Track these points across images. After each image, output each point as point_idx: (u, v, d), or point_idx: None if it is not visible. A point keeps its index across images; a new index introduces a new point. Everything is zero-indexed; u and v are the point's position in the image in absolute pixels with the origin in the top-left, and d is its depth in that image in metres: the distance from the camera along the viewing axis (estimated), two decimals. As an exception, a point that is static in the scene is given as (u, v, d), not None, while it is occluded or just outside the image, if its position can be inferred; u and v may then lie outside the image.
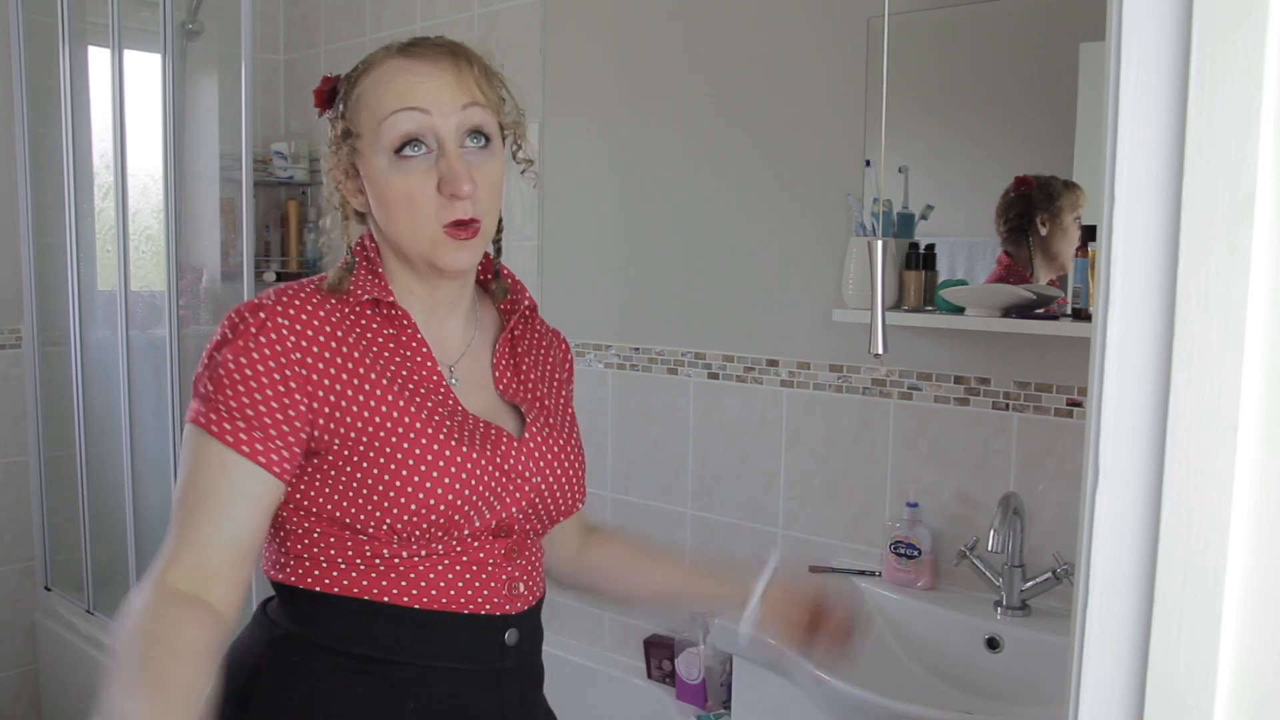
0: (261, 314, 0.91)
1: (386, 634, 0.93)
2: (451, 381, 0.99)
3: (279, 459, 0.89)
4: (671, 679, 2.08)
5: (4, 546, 2.73)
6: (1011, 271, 1.67)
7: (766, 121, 1.96)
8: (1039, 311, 1.60)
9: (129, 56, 2.38)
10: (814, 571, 1.87)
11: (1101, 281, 0.49)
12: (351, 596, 0.92)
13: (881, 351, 1.13)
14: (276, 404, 0.89)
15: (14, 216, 2.69)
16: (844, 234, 1.83)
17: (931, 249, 1.73)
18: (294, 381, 0.89)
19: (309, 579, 0.94)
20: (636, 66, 2.16)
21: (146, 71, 2.40)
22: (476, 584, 0.95)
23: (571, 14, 2.26)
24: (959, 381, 1.75)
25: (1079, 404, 1.62)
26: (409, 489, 0.89)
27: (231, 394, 0.88)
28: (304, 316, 0.92)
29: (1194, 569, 0.45)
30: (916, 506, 1.76)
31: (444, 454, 0.91)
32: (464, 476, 0.91)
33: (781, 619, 1.10)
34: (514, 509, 0.96)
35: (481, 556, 0.95)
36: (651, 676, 2.15)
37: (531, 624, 1.01)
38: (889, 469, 1.84)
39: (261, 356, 0.89)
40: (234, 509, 0.88)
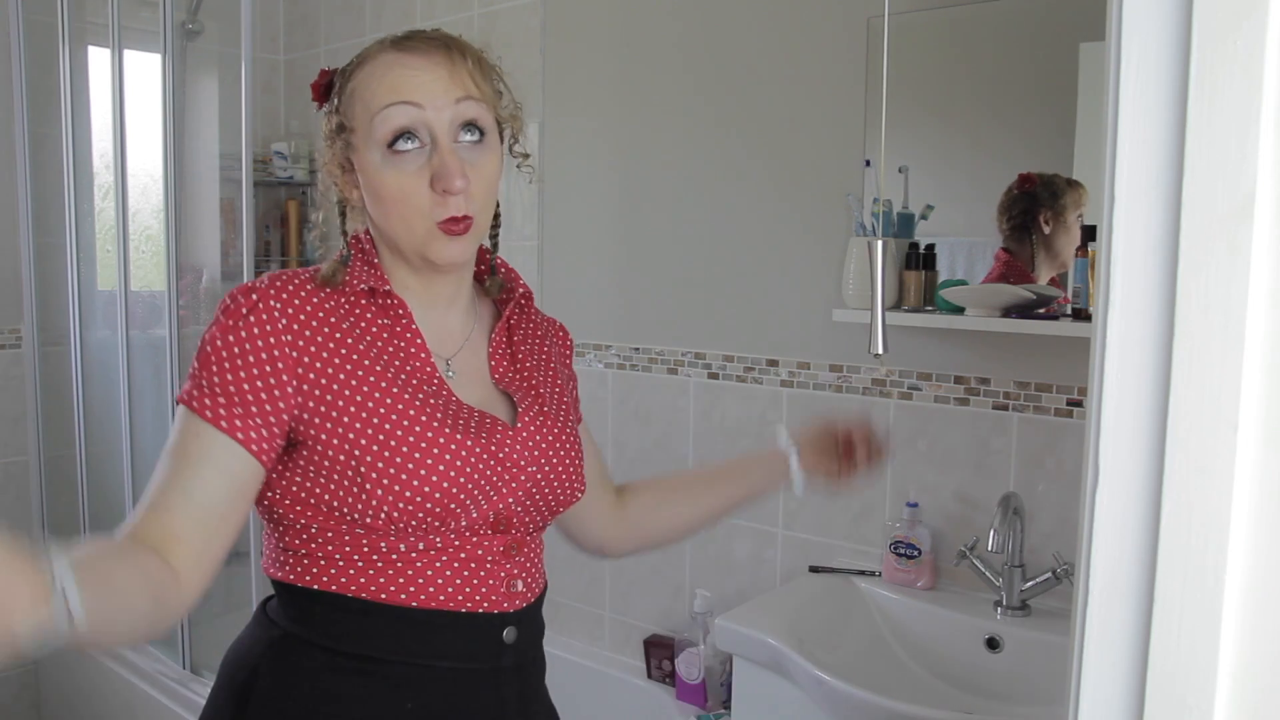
0: (254, 296, 0.91)
1: (385, 633, 0.92)
2: (449, 375, 0.98)
3: (257, 437, 0.88)
4: (671, 679, 2.08)
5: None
6: (1011, 268, 1.67)
7: (766, 121, 1.96)
8: (1039, 311, 1.60)
9: (129, 56, 2.38)
10: (814, 572, 1.87)
11: (1101, 281, 0.49)
12: (349, 595, 0.92)
13: (881, 351, 1.13)
14: (261, 383, 0.88)
15: (14, 216, 2.69)
16: (844, 234, 1.83)
17: (931, 249, 1.73)
18: (282, 363, 0.89)
19: (307, 576, 0.93)
20: (636, 66, 2.16)
21: (146, 71, 2.40)
22: (475, 581, 0.95)
23: (571, 14, 2.26)
24: (959, 381, 1.75)
25: (1079, 404, 1.62)
26: (403, 476, 0.89)
27: (216, 370, 0.89)
28: (297, 301, 0.92)
29: (1194, 569, 0.45)
30: (916, 506, 1.76)
31: (438, 441, 0.91)
32: (458, 464, 0.91)
33: (820, 463, 1.22)
34: (510, 499, 0.95)
35: (480, 554, 0.95)
36: (651, 676, 2.15)
37: (530, 621, 1.00)
38: (889, 469, 1.84)
39: (250, 336, 0.89)
40: (205, 476, 0.87)
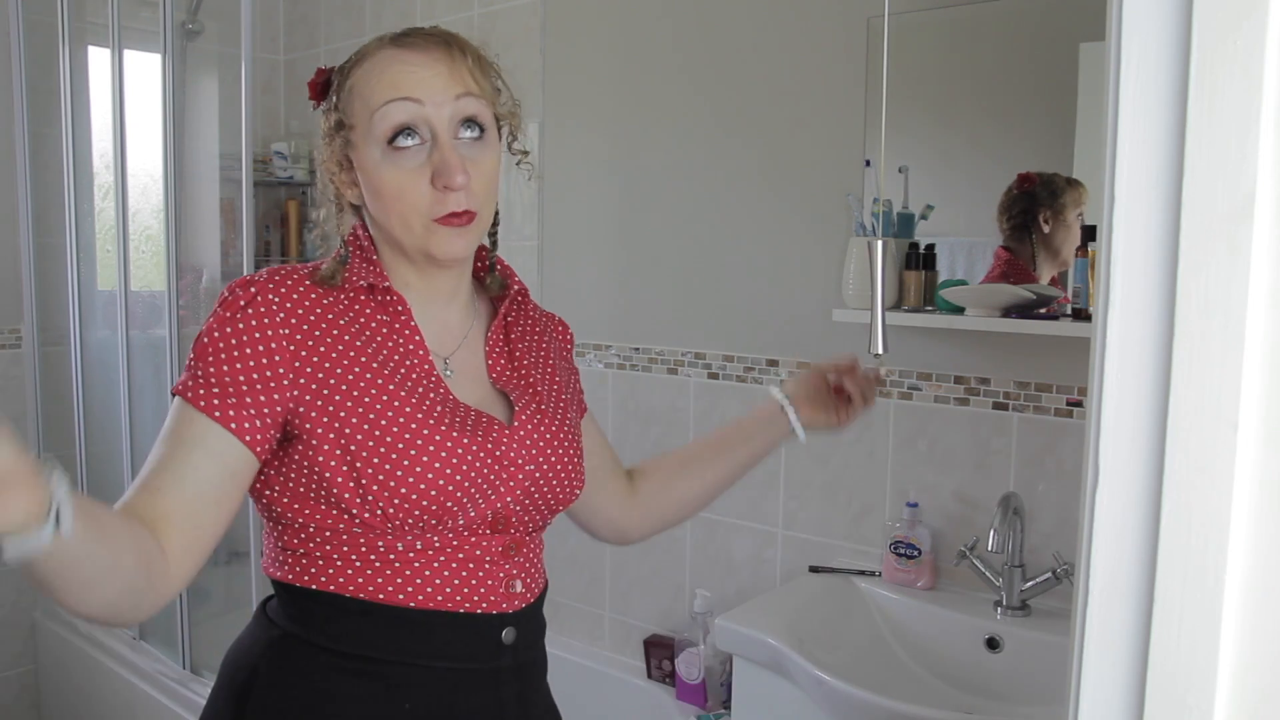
0: (252, 289, 0.91)
1: (384, 633, 0.92)
2: (447, 373, 0.98)
3: (250, 427, 0.88)
4: (671, 679, 2.08)
5: (4, 546, 2.73)
6: (1011, 267, 1.66)
7: (766, 121, 1.96)
8: (1039, 311, 1.60)
9: (129, 56, 2.38)
10: (814, 572, 1.87)
11: (1101, 281, 0.49)
12: (348, 595, 0.92)
13: (881, 351, 1.13)
14: (257, 375, 0.88)
15: (14, 216, 2.69)
16: (844, 234, 1.83)
17: (931, 249, 1.73)
18: (278, 355, 0.89)
19: (305, 576, 0.93)
20: (636, 67, 2.16)
21: (146, 71, 2.40)
22: (473, 582, 0.95)
23: (571, 14, 2.26)
24: (959, 381, 1.75)
25: (1079, 404, 1.62)
26: (398, 473, 0.89)
27: (212, 361, 0.89)
28: (295, 296, 0.92)
29: (1194, 569, 0.45)
30: (916, 506, 1.76)
31: (434, 439, 0.90)
32: (454, 462, 0.91)
33: (817, 416, 1.24)
34: (508, 498, 0.95)
35: (478, 554, 0.95)
36: (651, 676, 2.15)
37: (530, 622, 1.00)
38: (889, 469, 1.84)
39: (248, 328, 0.89)
40: (197, 462, 0.87)
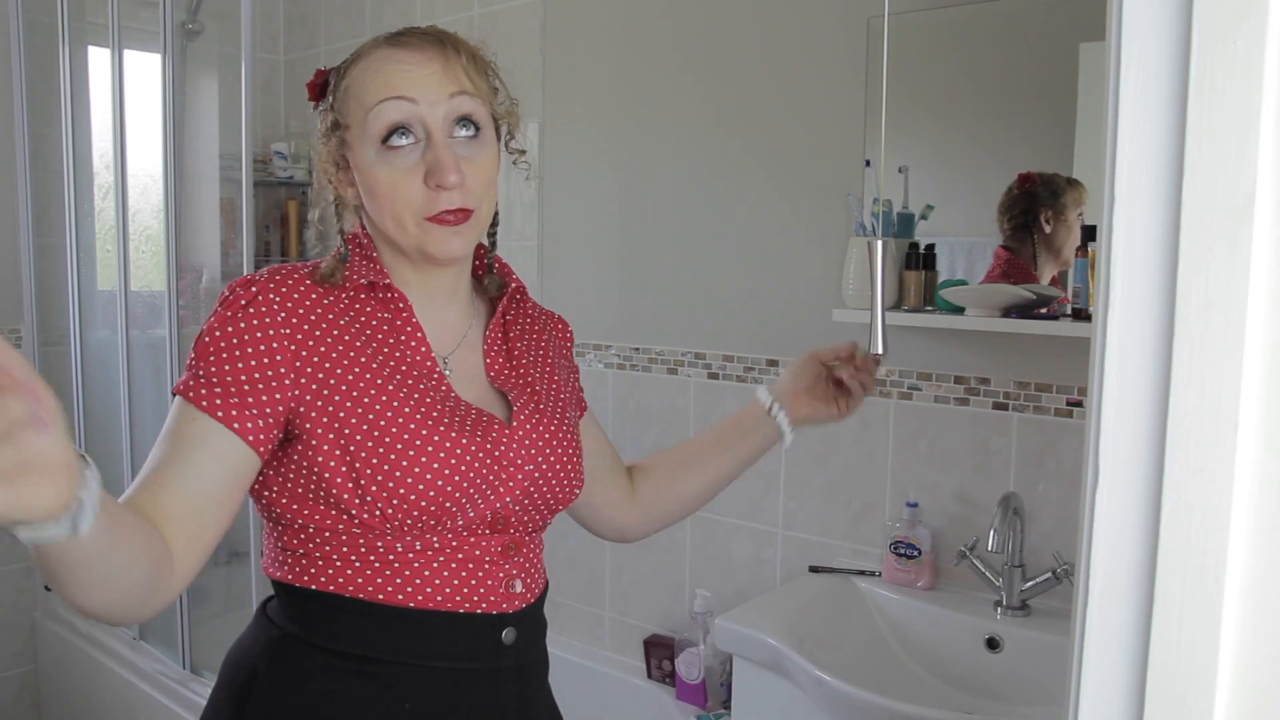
0: (253, 288, 0.91)
1: (383, 634, 0.92)
2: (446, 372, 0.98)
3: (253, 427, 0.88)
4: (671, 679, 2.08)
5: (4, 546, 2.73)
6: (1012, 267, 1.66)
7: (766, 121, 1.96)
8: (1039, 311, 1.60)
9: (129, 56, 2.38)
10: (814, 572, 1.87)
11: (1101, 281, 0.49)
12: (348, 595, 0.92)
13: (881, 351, 1.13)
14: (259, 374, 0.88)
15: (14, 216, 2.69)
16: (844, 234, 1.83)
17: (931, 249, 1.73)
18: (279, 354, 0.89)
19: (305, 577, 0.93)
20: (636, 67, 2.16)
21: (146, 71, 2.40)
22: (473, 582, 0.95)
23: (571, 14, 2.26)
24: (959, 381, 1.75)
25: (1079, 404, 1.62)
26: (396, 473, 0.89)
27: (214, 361, 0.89)
28: (296, 295, 0.92)
29: (1194, 569, 0.45)
30: (916, 506, 1.76)
31: (433, 439, 0.90)
32: (453, 462, 0.90)
33: (816, 409, 1.20)
34: (508, 498, 0.95)
35: (478, 554, 0.95)
36: (651, 676, 2.15)
37: (531, 622, 1.00)
38: (889, 469, 1.84)
39: (249, 327, 0.89)
40: (199, 461, 0.87)
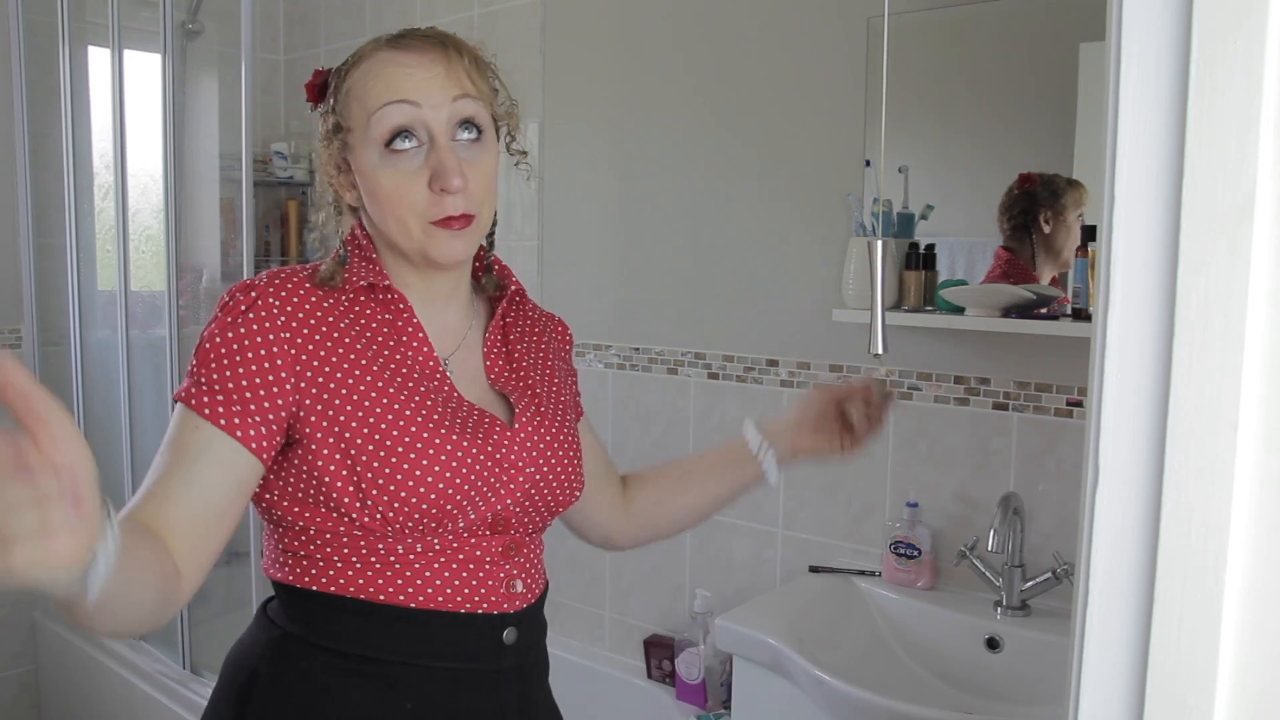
0: (253, 293, 0.91)
1: (384, 634, 0.92)
2: (448, 373, 0.98)
3: (256, 435, 0.88)
4: (671, 679, 2.08)
5: (4, 546, 2.73)
6: (1012, 267, 1.66)
7: (766, 121, 1.96)
8: (1039, 311, 1.60)
9: (129, 56, 2.39)
10: (814, 572, 1.87)
11: (1101, 281, 0.49)
12: (348, 596, 0.92)
13: (881, 351, 1.13)
14: (260, 380, 0.88)
15: (14, 216, 2.69)
16: (844, 234, 1.83)
17: (931, 249, 1.73)
18: (281, 360, 0.89)
19: (306, 578, 0.93)
20: (636, 67, 2.16)
21: (146, 71, 2.40)
22: (474, 582, 0.95)
23: (571, 14, 2.26)
24: (959, 381, 1.75)
25: (1079, 404, 1.62)
26: (398, 477, 0.88)
27: (215, 368, 0.88)
28: (296, 299, 0.92)
29: (1194, 569, 0.45)
30: (916, 506, 1.76)
31: (434, 442, 0.90)
32: (454, 465, 0.90)
33: (819, 432, 1.16)
34: (509, 500, 0.95)
35: (479, 554, 0.95)
36: (651, 676, 2.15)
37: (531, 622, 1.00)
38: (889, 469, 1.84)
39: (250, 333, 0.89)
40: (203, 470, 0.86)
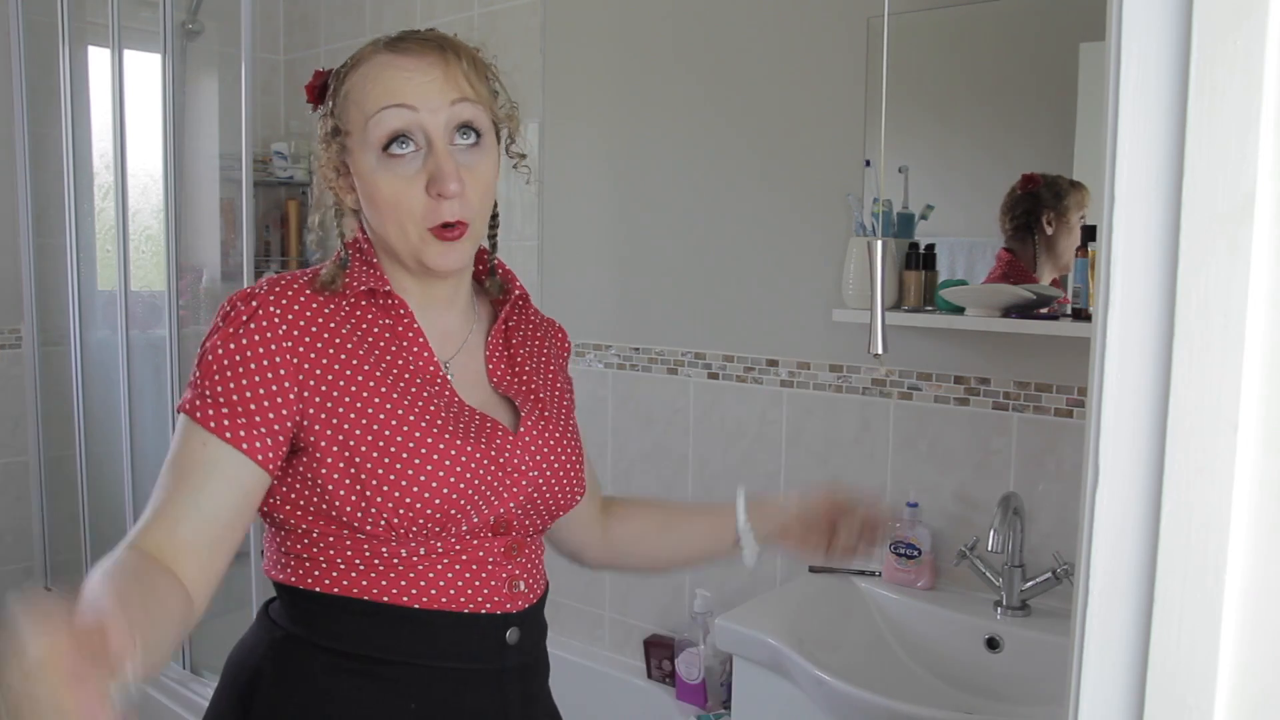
0: (254, 302, 0.91)
1: (387, 634, 0.92)
2: (449, 377, 0.98)
3: (262, 446, 0.88)
4: (671, 679, 2.08)
5: (4, 546, 2.74)
6: (1013, 268, 1.66)
7: (766, 121, 1.96)
8: (1039, 311, 1.60)
9: (129, 56, 2.39)
10: (814, 572, 1.87)
11: (1101, 281, 0.49)
12: (351, 597, 0.92)
13: (881, 351, 1.13)
14: (264, 391, 0.88)
15: (14, 216, 2.69)
16: (844, 234, 1.83)
17: (931, 249, 1.73)
18: (284, 369, 0.89)
19: (309, 579, 0.93)
20: (636, 67, 2.16)
21: (146, 71, 2.40)
22: (476, 583, 0.95)
23: (571, 14, 2.26)
24: (959, 381, 1.75)
25: (1079, 404, 1.62)
26: (402, 483, 0.88)
27: (219, 379, 0.88)
28: (296, 306, 0.92)
29: (1194, 569, 0.45)
30: (916, 506, 1.76)
31: (437, 448, 0.90)
32: (458, 470, 0.90)
33: (808, 534, 1.18)
34: (511, 504, 0.95)
35: (481, 555, 0.95)
36: (651, 676, 2.15)
37: (533, 622, 1.00)
38: (889, 469, 1.84)
39: (251, 343, 0.89)
40: (212, 487, 0.86)
